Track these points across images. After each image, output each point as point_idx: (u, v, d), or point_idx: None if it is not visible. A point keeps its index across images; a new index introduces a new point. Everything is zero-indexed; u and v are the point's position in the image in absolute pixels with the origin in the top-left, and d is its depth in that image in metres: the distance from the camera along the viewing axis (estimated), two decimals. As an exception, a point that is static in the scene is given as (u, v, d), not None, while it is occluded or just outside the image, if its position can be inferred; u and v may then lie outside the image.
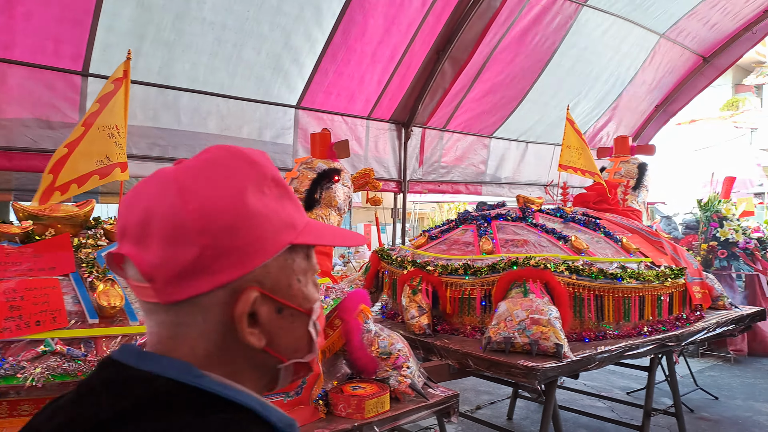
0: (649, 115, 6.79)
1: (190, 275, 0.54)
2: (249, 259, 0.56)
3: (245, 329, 0.56)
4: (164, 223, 0.55)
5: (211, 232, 0.54)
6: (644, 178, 5.03)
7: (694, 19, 5.66)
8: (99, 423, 0.50)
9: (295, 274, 0.61)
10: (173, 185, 0.56)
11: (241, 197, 0.56)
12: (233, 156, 0.60)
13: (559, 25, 5.05)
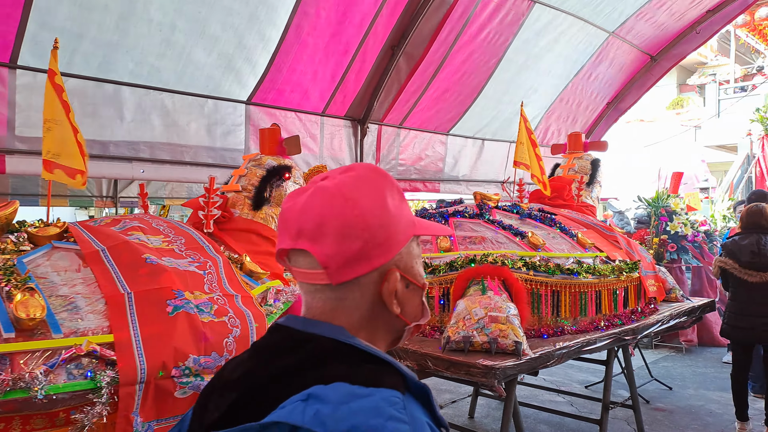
0: (600, 112, 6.91)
1: (355, 262, 0.73)
2: (392, 247, 0.75)
3: (392, 300, 0.76)
4: (336, 225, 0.72)
5: (370, 229, 0.73)
6: (597, 174, 5.10)
7: (641, 19, 5.79)
8: (284, 369, 0.69)
9: (414, 257, 0.80)
10: (339, 197, 0.74)
11: (385, 202, 0.76)
12: (373, 172, 0.79)
13: (512, 21, 5.06)
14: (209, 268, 2.01)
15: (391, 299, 0.76)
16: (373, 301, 0.76)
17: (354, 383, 0.65)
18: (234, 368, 0.77)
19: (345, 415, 0.60)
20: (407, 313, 0.79)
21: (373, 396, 0.63)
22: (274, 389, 0.68)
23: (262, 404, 0.67)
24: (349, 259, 0.73)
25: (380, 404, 0.62)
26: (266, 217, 2.63)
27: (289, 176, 2.76)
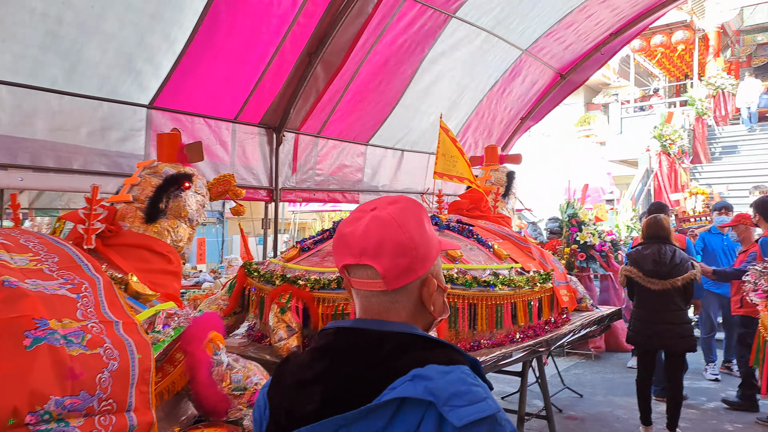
0: (514, 126, 7.12)
1: (405, 273, 0.95)
2: (430, 261, 0.98)
3: (430, 301, 0.99)
4: (392, 246, 0.94)
5: (416, 248, 0.95)
6: (513, 186, 5.20)
7: (551, 39, 6.02)
8: (375, 361, 0.89)
9: (439, 267, 1.03)
10: (393, 224, 0.96)
11: (424, 228, 0.98)
12: (414, 203, 1.01)
13: (429, 33, 5.07)
14: (85, 291, 1.75)
15: (429, 300, 0.99)
16: (416, 302, 0.98)
17: (439, 364, 0.86)
18: (304, 369, 0.95)
19: (444, 385, 0.82)
20: (437, 310, 1.02)
21: (456, 371, 0.85)
22: (370, 377, 0.87)
23: (362, 391, 0.86)
24: (401, 271, 0.95)
25: (462, 376, 0.85)
26: (161, 231, 2.38)
27: (190, 185, 2.52)
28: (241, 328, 3.62)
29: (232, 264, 6.76)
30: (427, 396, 0.81)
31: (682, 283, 4.10)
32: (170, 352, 1.84)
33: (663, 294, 4.13)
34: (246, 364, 2.03)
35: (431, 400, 0.81)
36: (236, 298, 3.50)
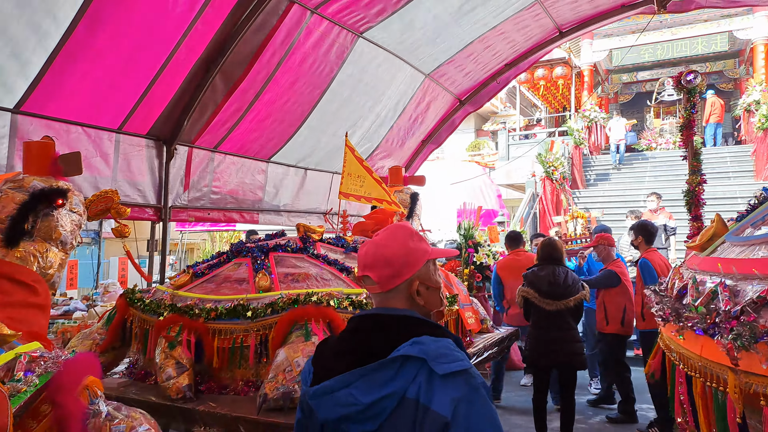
0: (416, 148, 7.22)
1: (392, 278, 1.29)
2: (413, 268, 1.31)
3: (416, 297, 1.31)
4: (381, 260, 1.31)
5: (400, 260, 1.30)
6: (417, 207, 5.22)
7: (452, 66, 6.20)
8: (390, 334, 1.23)
9: (430, 271, 1.35)
10: (381, 244, 1.33)
11: (406, 244, 1.32)
12: (400, 228, 1.37)
13: (337, 54, 4.99)
14: None
15: (414, 296, 1.30)
16: (408, 297, 1.30)
17: (432, 335, 1.19)
18: (339, 342, 1.32)
19: (434, 349, 1.15)
20: (429, 303, 1.33)
21: (443, 341, 1.18)
22: (387, 345, 1.20)
23: (380, 355, 1.20)
24: (389, 277, 1.29)
25: (447, 343, 1.18)
26: (25, 256, 2.00)
27: (64, 203, 2.16)
28: (121, 365, 3.20)
29: (109, 290, 6.06)
30: (421, 355, 1.15)
31: (574, 303, 4.31)
32: (34, 404, 1.51)
33: (557, 314, 4.30)
34: (130, 412, 1.73)
35: (424, 357, 1.14)
36: (115, 332, 3.09)
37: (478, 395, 1.13)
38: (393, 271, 1.29)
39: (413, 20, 5.12)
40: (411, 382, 1.14)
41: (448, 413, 1.09)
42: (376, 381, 1.17)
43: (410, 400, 1.14)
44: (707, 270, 1.57)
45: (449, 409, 1.10)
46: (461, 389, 1.12)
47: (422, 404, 1.12)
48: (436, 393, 1.11)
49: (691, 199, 4.41)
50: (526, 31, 5.98)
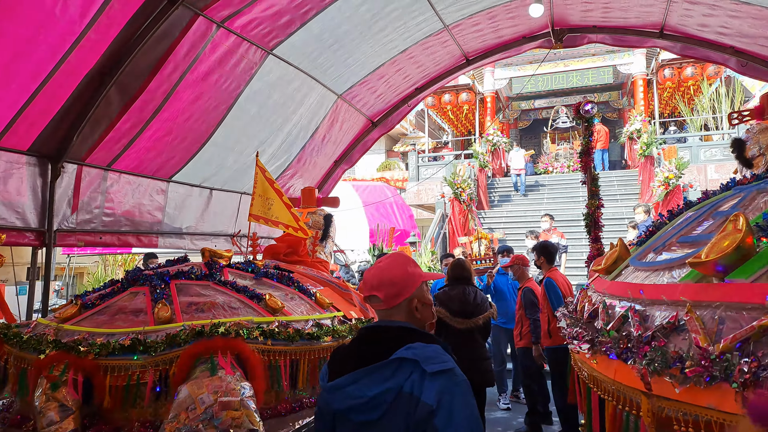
0: (328, 169, 7.15)
1: (396, 296, 1.59)
2: (411, 289, 1.61)
3: (415, 312, 1.61)
4: (385, 282, 1.61)
5: (399, 283, 1.60)
6: (330, 229, 5.12)
7: (365, 87, 6.23)
8: (389, 341, 1.51)
9: (424, 291, 1.66)
10: (385, 269, 1.64)
11: (405, 269, 1.64)
12: (400, 256, 1.70)
13: (245, 70, 4.81)
14: None
15: (414, 311, 1.63)
16: (408, 312, 1.63)
17: (423, 342, 1.48)
18: (348, 348, 1.65)
19: (425, 353, 1.43)
20: (425, 317, 1.65)
21: (432, 346, 1.47)
22: (385, 351, 1.48)
23: (381, 358, 1.47)
24: (393, 295, 1.61)
25: (436, 348, 1.47)
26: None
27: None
28: (-9, 413, 2.79)
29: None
30: (414, 357, 1.42)
31: (482, 321, 4.40)
32: None
33: (467, 332, 4.37)
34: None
35: (417, 359, 1.42)
36: (-14, 374, 2.69)
37: (459, 389, 1.41)
38: (396, 291, 1.61)
39: (322, 35, 5.07)
40: (406, 379, 1.42)
41: (433, 402, 1.37)
42: (378, 378, 1.47)
43: (405, 394, 1.42)
44: (616, 294, 1.62)
45: (435, 399, 1.38)
46: (445, 384, 1.40)
47: (414, 396, 1.40)
48: (426, 387, 1.39)
49: (590, 222, 4.68)
50: (435, 56, 6.15)
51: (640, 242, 2.06)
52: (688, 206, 2.06)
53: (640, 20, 5.39)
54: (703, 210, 1.65)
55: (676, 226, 1.75)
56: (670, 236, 1.67)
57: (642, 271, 1.62)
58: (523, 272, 5.61)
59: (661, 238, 1.75)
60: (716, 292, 1.18)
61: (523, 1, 5.38)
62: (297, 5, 4.53)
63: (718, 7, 4.49)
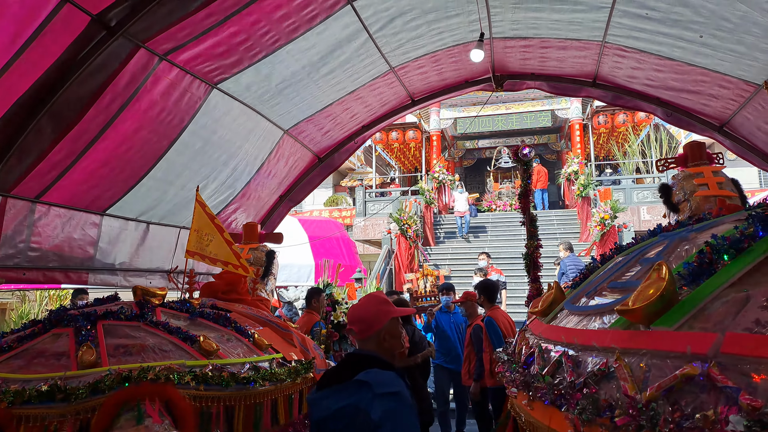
0: (272, 204, 7.04)
1: (366, 330, 2.07)
2: (380, 323, 2.07)
3: (384, 342, 2.06)
4: (359, 318, 2.12)
5: (371, 318, 2.09)
6: (273, 266, 5.01)
7: (311, 124, 6.24)
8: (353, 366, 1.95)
9: (394, 326, 2.10)
10: (360, 308, 2.16)
11: (377, 307, 2.13)
12: (373, 295, 2.23)
13: (189, 104, 4.72)
14: None
15: (383, 342, 2.03)
16: (377, 343, 2.03)
17: (381, 369, 1.87)
18: (331, 371, 2.05)
19: (380, 378, 1.80)
20: (393, 347, 2.05)
21: (387, 373, 1.85)
22: (351, 374, 1.86)
23: (346, 380, 1.87)
24: (364, 329, 2.05)
25: (390, 374, 1.85)
26: None
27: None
28: None
29: None
30: (369, 380, 1.78)
31: (421, 360, 4.41)
32: None
33: (406, 371, 4.35)
34: None
35: (371, 382, 1.77)
36: None
37: (403, 410, 1.74)
38: (366, 326, 2.03)
39: (270, 75, 5.08)
40: (362, 398, 1.75)
41: (378, 419, 1.69)
42: (343, 395, 1.83)
43: (361, 410, 1.74)
44: (551, 338, 1.65)
45: (380, 416, 1.69)
46: (390, 404, 1.72)
47: (366, 411, 1.72)
48: (374, 406, 1.72)
49: (529, 262, 4.80)
50: (382, 96, 6.27)
51: (574, 285, 2.12)
52: (618, 250, 2.14)
53: (575, 70, 5.72)
54: (631, 255, 1.72)
55: (606, 271, 1.81)
56: (601, 281, 1.72)
57: (575, 316, 1.65)
58: (474, 309, 5.66)
59: (593, 283, 1.80)
60: (642, 340, 1.22)
61: (465, 47, 5.60)
62: (246, 48, 4.53)
63: (644, 62, 4.84)
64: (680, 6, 3.82)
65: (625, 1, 4.06)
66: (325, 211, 23.18)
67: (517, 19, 4.80)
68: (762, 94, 4.39)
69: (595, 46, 4.98)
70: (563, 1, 4.34)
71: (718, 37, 3.97)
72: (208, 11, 3.86)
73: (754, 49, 3.87)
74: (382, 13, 4.73)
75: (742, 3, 3.45)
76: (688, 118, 5.38)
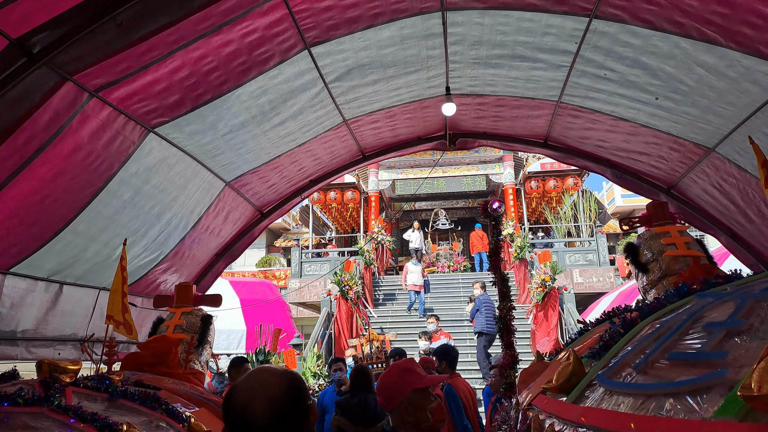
0: (208, 262, 6.43)
1: (389, 401, 2.21)
2: (402, 395, 2.15)
3: (406, 415, 2.14)
4: (381, 388, 2.32)
5: (391, 388, 2.23)
6: (209, 333, 4.41)
7: (256, 176, 5.83)
8: None
9: (419, 397, 2.14)
10: (382, 377, 2.37)
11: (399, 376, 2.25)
12: (398, 365, 2.34)
13: (121, 148, 4.20)
14: None
15: (405, 414, 2.04)
16: (399, 415, 2.08)
17: None
18: None
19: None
20: (419, 420, 2.02)
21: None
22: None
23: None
24: (387, 400, 2.17)
25: None
26: None
27: None
28: None
29: None
30: None
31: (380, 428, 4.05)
32: None
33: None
34: None
35: None
36: None
37: None
38: (388, 396, 2.04)
39: (216, 124, 4.69)
40: None
41: None
42: None
43: None
44: (594, 424, 1.30)
45: None
46: None
47: None
48: None
49: (503, 326, 4.46)
50: (333, 150, 6.00)
51: (593, 354, 1.81)
52: (641, 313, 1.86)
53: (527, 131, 5.74)
54: (682, 320, 1.43)
55: (648, 338, 1.51)
56: (648, 351, 1.41)
57: (623, 395, 1.32)
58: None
59: (633, 352, 1.49)
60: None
61: (421, 104, 5.49)
62: (189, 85, 4.14)
63: (598, 122, 4.89)
64: (639, 68, 3.87)
65: (585, 61, 4.09)
66: (258, 273, 22.22)
67: (475, 75, 4.75)
68: (711, 158, 4.49)
69: (549, 106, 5.00)
70: (523, 58, 4.32)
71: (674, 100, 4.04)
72: (149, 44, 3.47)
73: (708, 112, 3.94)
74: (340, 63, 4.52)
75: (699, 66, 3.51)
76: (637, 180, 5.47)
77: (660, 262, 3.70)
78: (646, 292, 3.86)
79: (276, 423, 1.33)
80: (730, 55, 3.20)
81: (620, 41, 3.62)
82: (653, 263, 3.75)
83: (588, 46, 3.84)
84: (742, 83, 3.38)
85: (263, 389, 1.38)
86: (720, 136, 4.10)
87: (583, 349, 2.56)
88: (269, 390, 1.38)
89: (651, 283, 3.78)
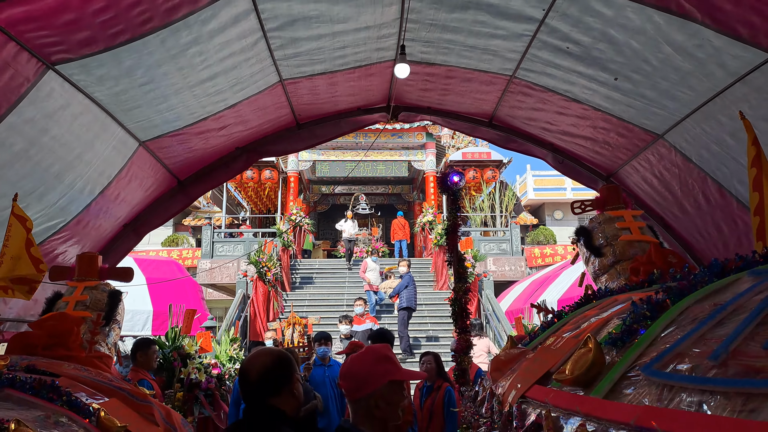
0: (114, 233, 5.64)
1: (355, 391, 1.78)
2: (372, 386, 1.75)
3: (375, 410, 1.74)
4: (349, 374, 1.82)
5: (362, 377, 1.78)
6: (117, 311, 3.80)
7: (176, 140, 5.13)
8: None
9: (392, 391, 1.77)
10: (353, 361, 1.85)
11: (373, 365, 1.80)
12: (373, 349, 1.89)
13: (12, 86, 3.43)
14: None
15: (373, 409, 1.74)
16: (366, 410, 1.75)
17: None
18: None
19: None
20: (387, 417, 1.74)
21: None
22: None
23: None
24: (352, 389, 1.77)
25: None
26: None
27: None
28: None
29: None
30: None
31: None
32: None
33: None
34: None
35: None
36: None
37: None
38: (355, 385, 1.78)
39: (133, 70, 4.00)
40: None
41: None
42: None
43: None
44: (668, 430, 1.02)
45: None
46: None
47: None
48: None
49: (458, 309, 4.16)
50: (265, 114, 5.44)
51: (613, 341, 1.57)
52: (670, 296, 1.62)
53: (473, 108, 5.54)
54: (760, 303, 1.20)
55: (705, 322, 1.27)
56: (724, 338, 1.17)
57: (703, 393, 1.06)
58: None
59: (692, 340, 1.24)
60: None
61: (367, 70, 5.10)
62: (105, 20, 3.45)
63: (548, 102, 4.77)
64: (605, 42, 3.74)
65: (549, 31, 3.90)
66: (163, 251, 20.77)
67: (430, 39, 4.43)
68: (657, 145, 4.51)
69: (502, 81, 4.81)
70: (484, 24, 4.06)
71: (633, 81, 3.96)
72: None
73: (665, 96, 3.91)
74: (284, 10, 4.02)
75: (668, 45, 3.42)
76: (578, 166, 5.45)
77: (614, 246, 3.61)
78: (597, 277, 3.77)
79: (263, 381, 1.91)
80: (703, 33, 3.12)
81: (592, 10, 3.45)
82: (607, 248, 3.66)
83: (556, 13, 3.64)
84: (709, 65, 3.33)
85: (259, 358, 1.99)
86: (671, 123, 4.10)
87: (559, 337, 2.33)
88: (263, 358, 1.98)
89: (603, 267, 3.69)
